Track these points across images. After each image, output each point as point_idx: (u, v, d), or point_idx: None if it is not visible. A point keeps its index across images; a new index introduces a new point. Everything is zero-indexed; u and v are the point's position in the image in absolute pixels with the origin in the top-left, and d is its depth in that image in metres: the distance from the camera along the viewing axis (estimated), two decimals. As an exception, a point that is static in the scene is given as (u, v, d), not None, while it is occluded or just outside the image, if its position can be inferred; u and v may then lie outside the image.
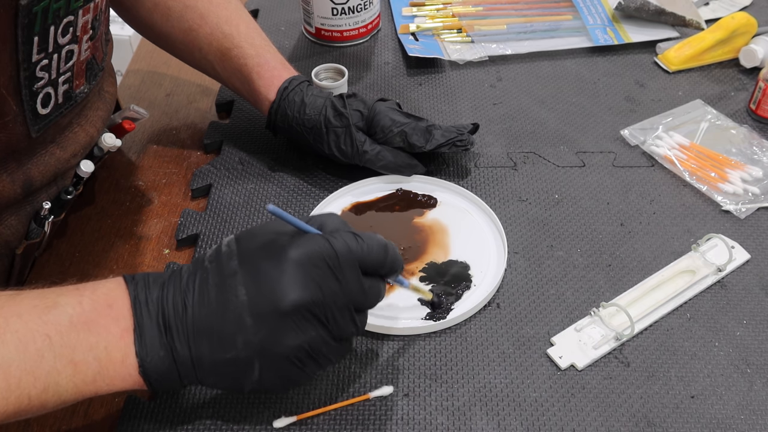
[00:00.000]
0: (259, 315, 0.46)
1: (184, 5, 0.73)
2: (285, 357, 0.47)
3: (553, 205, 0.71)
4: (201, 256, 0.49)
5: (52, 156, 0.61)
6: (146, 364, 0.46)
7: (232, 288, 0.47)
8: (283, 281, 0.46)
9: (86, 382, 0.45)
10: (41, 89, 0.55)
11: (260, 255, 0.47)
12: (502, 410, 0.55)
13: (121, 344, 0.46)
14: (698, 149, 0.77)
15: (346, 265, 0.48)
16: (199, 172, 0.75)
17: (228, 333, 0.46)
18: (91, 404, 0.56)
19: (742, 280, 0.64)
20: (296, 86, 0.72)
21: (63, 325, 0.45)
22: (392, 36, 0.96)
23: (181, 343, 0.46)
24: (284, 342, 0.47)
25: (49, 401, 0.45)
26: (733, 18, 0.88)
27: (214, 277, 0.47)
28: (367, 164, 0.71)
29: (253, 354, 0.47)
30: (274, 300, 0.46)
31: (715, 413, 0.54)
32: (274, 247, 0.47)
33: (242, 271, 0.47)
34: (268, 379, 0.48)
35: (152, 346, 0.46)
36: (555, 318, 0.61)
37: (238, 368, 0.47)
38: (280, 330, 0.46)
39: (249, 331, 0.46)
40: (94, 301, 0.46)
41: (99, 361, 0.45)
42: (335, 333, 0.48)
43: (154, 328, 0.46)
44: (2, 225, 0.60)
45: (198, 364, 0.47)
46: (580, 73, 0.89)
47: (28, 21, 0.51)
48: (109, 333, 0.46)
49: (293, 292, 0.46)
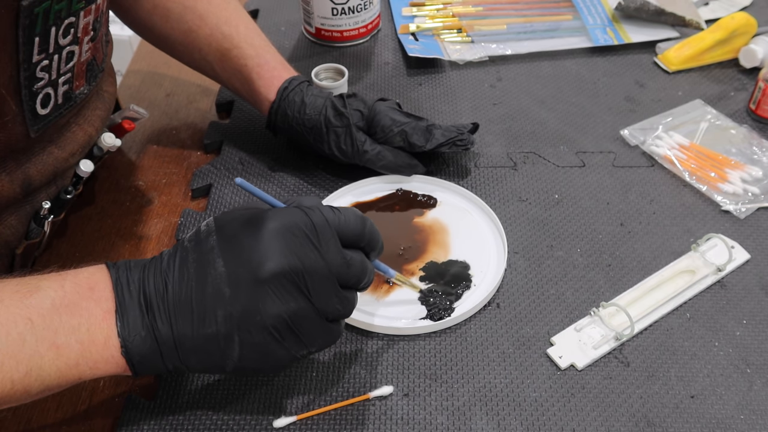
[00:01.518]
0: (237, 284, 0.46)
1: (184, 6, 0.73)
2: (263, 328, 0.46)
3: (553, 205, 0.71)
4: (182, 239, 0.50)
5: (51, 156, 0.61)
6: (128, 345, 0.46)
7: (210, 262, 0.47)
8: (260, 250, 0.46)
9: (69, 366, 0.45)
10: (41, 89, 0.55)
11: (238, 228, 0.48)
12: (502, 410, 0.55)
13: (103, 326, 0.46)
14: (698, 149, 0.77)
15: (325, 235, 0.47)
16: (199, 172, 0.75)
17: (207, 307, 0.46)
18: (91, 404, 0.56)
19: (742, 280, 0.64)
20: (296, 86, 0.72)
21: (45, 308, 0.45)
22: (392, 36, 0.96)
23: (163, 323, 0.46)
24: (263, 311, 0.46)
25: (33, 386, 0.44)
26: (732, 18, 0.88)
27: (193, 254, 0.47)
28: (367, 164, 0.71)
29: (233, 327, 0.46)
30: (252, 268, 0.46)
31: (715, 413, 0.55)
32: (252, 220, 0.48)
33: (220, 245, 0.47)
34: (248, 356, 0.47)
35: (134, 327, 0.46)
36: (555, 318, 0.61)
37: (219, 345, 0.47)
38: (258, 298, 0.46)
39: (227, 302, 0.46)
40: (75, 284, 0.46)
41: (81, 343, 0.45)
42: (319, 307, 0.47)
43: (136, 309, 0.46)
44: (2, 225, 0.60)
45: (180, 344, 0.47)
46: (580, 73, 0.89)
47: (30, 22, 0.51)
48: (91, 315, 0.46)
49: (271, 259, 0.46)
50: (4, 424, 0.55)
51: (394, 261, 0.65)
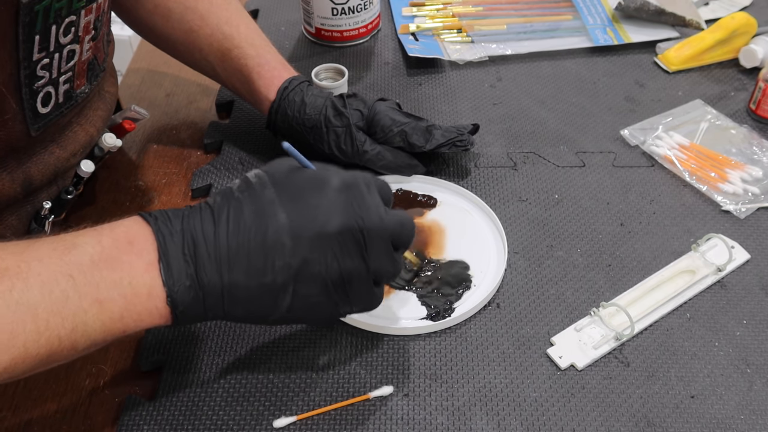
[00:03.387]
0: (299, 237, 0.46)
1: (185, 7, 0.73)
2: (321, 281, 0.47)
3: (553, 205, 0.71)
4: (227, 189, 0.49)
5: (52, 155, 0.61)
6: (174, 294, 0.45)
7: (271, 214, 0.47)
8: (324, 206, 0.47)
9: (113, 320, 0.45)
10: (42, 88, 0.55)
11: (296, 183, 0.48)
12: (502, 410, 0.55)
13: (146, 278, 0.45)
14: (698, 149, 0.77)
15: (377, 197, 0.49)
16: (200, 172, 0.75)
17: (266, 256, 0.46)
18: (91, 404, 0.56)
19: (742, 280, 0.64)
20: (296, 86, 0.72)
21: (85, 264, 0.44)
22: (392, 36, 0.96)
23: (212, 270, 0.46)
24: (323, 264, 0.47)
25: (79, 341, 0.44)
26: (732, 18, 0.88)
27: (250, 204, 0.47)
28: (367, 164, 0.71)
29: (290, 278, 0.47)
30: (318, 223, 0.47)
31: (715, 413, 0.55)
32: (309, 177, 0.49)
33: (280, 198, 0.47)
34: (298, 307, 0.48)
35: (179, 277, 0.46)
36: (555, 318, 0.61)
37: (272, 294, 0.47)
38: (321, 252, 0.47)
39: (288, 253, 0.46)
40: (113, 239, 0.46)
41: (124, 297, 0.45)
42: (373, 267, 0.49)
43: (180, 259, 0.46)
44: (2, 224, 0.60)
45: (228, 293, 0.47)
46: (580, 73, 0.89)
47: (30, 19, 0.51)
48: (132, 268, 0.45)
49: (336, 216, 0.47)
50: (4, 424, 0.55)
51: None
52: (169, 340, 0.59)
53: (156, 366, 0.58)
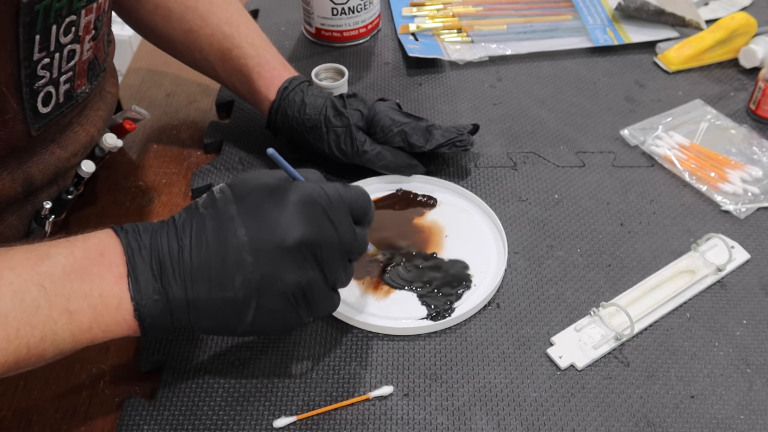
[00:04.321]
0: (259, 252, 0.47)
1: (185, 7, 0.73)
2: (282, 294, 0.48)
3: (553, 205, 0.71)
4: (193, 204, 0.50)
5: (53, 155, 0.61)
6: (141, 308, 0.47)
7: (231, 230, 0.48)
8: (284, 220, 0.48)
9: (82, 330, 0.46)
10: (42, 88, 0.55)
11: (258, 198, 0.49)
12: (502, 410, 0.55)
13: (115, 290, 0.46)
14: (698, 149, 0.77)
15: (340, 210, 0.50)
16: (200, 172, 0.75)
17: (227, 272, 0.47)
18: (91, 404, 0.56)
19: (742, 280, 0.64)
20: (296, 86, 0.72)
21: (56, 275, 0.45)
22: (392, 36, 0.96)
23: (177, 286, 0.47)
24: (284, 278, 0.48)
25: (47, 350, 0.45)
26: (732, 18, 0.88)
27: (211, 221, 0.48)
28: (367, 164, 0.71)
29: (251, 293, 0.48)
30: (276, 237, 0.47)
31: (715, 413, 0.55)
32: (270, 191, 0.49)
33: (241, 214, 0.48)
34: (261, 320, 0.49)
35: (146, 290, 0.47)
36: (555, 318, 0.61)
37: (235, 308, 0.48)
38: (280, 266, 0.48)
39: (248, 269, 0.47)
40: (85, 250, 0.47)
41: (94, 308, 0.46)
42: (329, 278, 0.50)
43: (148, 272, 0.47)
44: (3, 224, 0.60)
45: (193, 306, 0.48)
46: (580, 73, 0.89)
47: (30, 19, 0.51)
48: (102, 280, 0.46)
49: (296, 229, 0.48)
50: (4, 424, 0.55)
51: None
52: (169, 341, 0.59)
53: (156, 366, 0.58)
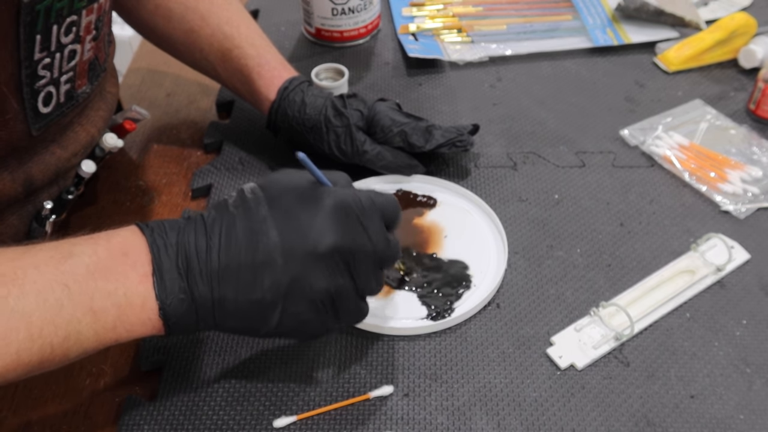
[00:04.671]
0: (291, 256, 0.47)
1: (186, 7, 0.73)
2: (311, 300, 0.48)
3: (553, 205, 0.71)
4: (223, 202, 0.50)
5: (53, 155, 0.61)
6: (166, 307, 0.46)
7: (263, 231, 0.47)
8: (317, 225, 0.47)
9: (106, 329, 0.45)
10: (43, 88, 0.55)
11: (292, 202, 0.48)
12: (502, 410, 0.55)
13: (140, 289, 0.46)
14: (698, 149, 0.77)
15: (373, 217, 0.49)
16: (200, 172, 0.75)
17: (256, 273, 0.47)
18: (91, 404, 0.57)
19: (742, 280, 0.64)
20: (296, 86, 0.72)
21: (80, 274, 0.45)
22: (392, 36, 0.96)
23: (204, 285, 0.47)
24: (313, 284, 0.48)
25: (71, 349, 0.45)
26: (732, 18, 0.88)
27: (243, 221, 0.48)
28: (367, 164, 0.71)
29: (279, 296, 0.47)
30: (309, 242, 0.47)
31: (715, 413, 0.55)
32: (304, 195, 0.49)
33: (273, 216, 0.48)
34: (287, 324, 0.49)
35: (172, 289, 0.46)
36: (555, 318, 0.61)
37: (261, 310, 0.48)
38: (310, 271, 0.47)
39: (278, 271, 0.47)
40: (109, 249, 0.46)
41: (118, 307, 0.45)
42: (360, 286, 0.50)
43: (174, 271, 0.46)
44: (3, 224, 0.60)
45: (219, 307, 0.47)
46: (579, 73, 0.89)
47: (31, 19, 0.51)
48: (127, 279, 0.46)
49: (329, 236, 0.47)
50: (4, 424, 0.55)
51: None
52: (170, 341, 0.59)
53: (156, 366, 0.58)
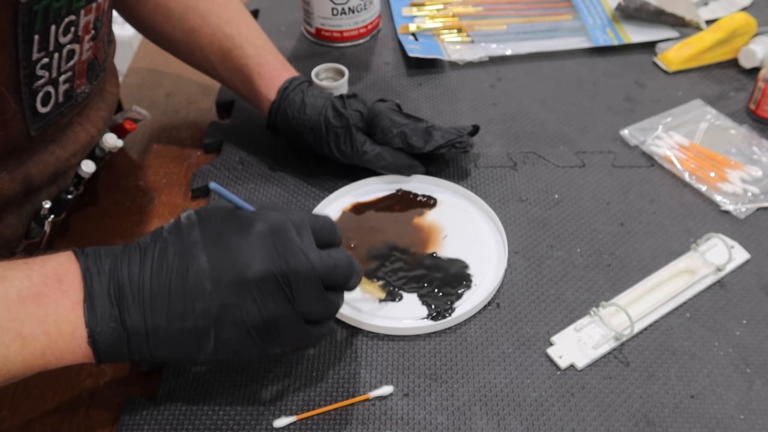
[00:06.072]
0: (220, 281, 0.46)
1: (186, 6, 0.73)
2: (241, 326, 0.47)
3: (553, 205, 0.71)
4: (159, 229, 0.49)
5: (52, 155, 0.61)
6: (96, 336, 0.45)
7: (193, 256, 0.46)
8: (246, 250, 0.46)
9: (35, 356, 0.45)
10: (41, 88, 0.55)
11: (223, 226, 0.48)
12: (502, 410, 0.55)
13: (71, 317, 0.45)
14: (698, 149, 0.77)
15: (307, 236, 0.48)
16: (200, 172, 0.75)
17: (187, 300, 0.46)
18: (91, 404, 0.56)
19: (742, 280, 0.64)
20: (296, 86, 0.72)
21: (11, 299, 0.44)
22: (392, 36, 0.96)
23: (136, 313, 0.46)
24: (244, 311, 0.46)
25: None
26: (732, 18, 0.88)
27: (174, 246, 0.47)
28: (367, 164, 0.71)
29: (210, 322, 0.46)
30: (238, 268, 0.46)
31: (715, 413, 0.55)
32: (236, 219, 0.48)
33: (204, 240, 0.47)
34: (222, 350, 0.48)
35: (102, 317, 0.45)
36: (555, 318, 0.61)
37: (194, 338, 0.47)
38: (239, 297, 0.46)
39: (207, 297, 0.46)
40: (43, 275, 0.46)
41: (48, 334, 0.45)
42: (301, 310, 0.48)
43: (105, 299, 0.46)
44: (2, 224, 0.60)
45: (152, 335, 0.46)
46: (579, 73, 0.89)
47: (29, 19, 0.51)
48: (58, 306, 0.45)
49: (258, 261, 0.46)
50: (4, 424, 0.55)
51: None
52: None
53: (156, 366, 0.58)
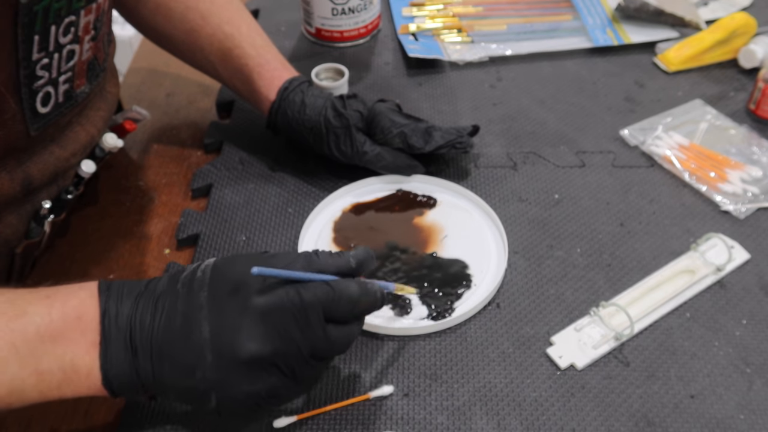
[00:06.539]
0: (219, 355, 0.46)
1: (186, 6, 0.73)
2: (242, 397, 0.47)
3: (553, 205, 0.71)
4: (177, 273, 0.49)
5: (52, 155, 0.61)
6: (110, 378, 0.46)
7: (197, 321, 0.46)
8: (243, 330, 0.46)
9: (51, 389, 0.46)
10: (41, 88, 0.55)
11: (228, 295, 0.47)
12: (502, 410, 0.55)
13: (86, 358, 0.46)
14: (698, 149, 0.77)
15: (313, 317, 0.46)
16: (200, 172, 0.75)
17: (188, 363, 0.46)
18: (92, 404, 0.56)
19: (742, 280, 0.64)
20: (296, 86, 0.72)
21: (30, 334, 0.45)
22: (392, 36, 0.96)
23: (145, 361, 0.46)
24: (240, 387, 0.46)
25: (14, 404, 0.45)
26: (732, 18, 0.88)
27: (183, 305, 0.47)
28: (367, 165, 0.71)
29: (210, 388, 0.46)
30: (234, 347, 0.45)
31: (715, 413, 0.55)
32: (243, 290, 0.46)
33: (208, 308, 0.46)
34: (225, 410, 0.48)
35: (117, 361, 0.46)
36: (555, 318, 0.61)
37: (198, 395, 0.47)
38: (236, 375, 0.46)
39: (208, 368, 0.46)
40: (63, 313, 0.46)
41: (64, 371, 0.45)
42: (296, 377, 0.48)
43: (120, 344, 0.46)
44: (2, 224, 0.60)
45: (159, 384, 0.47)
46: (579, 73, 0.89)
47: (29, 20, 0.51)
48: (76, 346, 0.46)
49: (253, 343, 0.45)
50: (4, 424, 0.55)
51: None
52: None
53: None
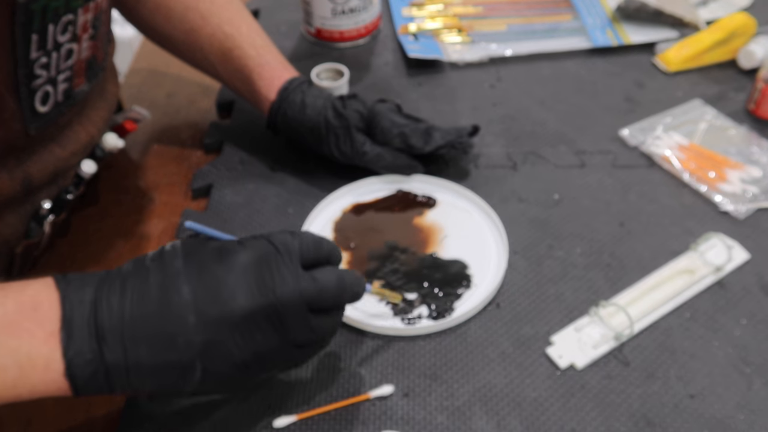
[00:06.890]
0: (203, 314, 0.44)
1: (186, 6, 0.73)
2: (229, 361, 0.45)
3: (553, 205, 0.71)
4: (142, 256, 0.47)
5: (52, 154, 0.61)
6: (73, 368, 0.43)
7: (175, 287, 0.44)
8: (230, 283, 0.44)
9: (6, 387, 0.43)
10: (40, 87, 0.55)
11: (207, 256, 0.46)
12: (502, 410, 0.55)
13: (44, 349, 0.42)
14: (697, 149, 0.77)
15: (292, 262, 0.46)
16: (200, 172, 0.75)
17: (169, 334, 0.43)
18: (91, 404, 0.57)
19: (741, 280, 0.64)
20: (297, 86, 0.72)
21: None
22: (392, 37, 0.97)
23: (116, 346, 0.43)
24: (230, 346, 0.44)
25: None
26: (731, 19, 0.89)
27: (156, 275, 0.45)
28: (367, 165, 0.71)
29: (196, 355, 0.44)
30: (221, 303, 0.44)
31: (714, 413, 0.55)
32: (221, 250, 0.46)
33: (187, 270, 0.45)
34: (210, 382, 0.45)
35: (80, 349, 0.43)
36: (555, 318, 0.61)
37: (179, 371, 0.44)
38: (225, 334, 0.44)
39: (191, 331, 0.44)
40: (18, 303, 0.43)
41: (20, 366, 0.42)
42: (291, 338, 0.46)
43: (84, 330, 0.43)
44: (2, 223, 0.60)
45: (133, 369, 0.44)
46: (579, 73, 0.89)
47: (26, 19, 0.51)
48: (32, 337, 0.43)
49: (243, 296, 0.44)
50: (4, 424, 0.55)
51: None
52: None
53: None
